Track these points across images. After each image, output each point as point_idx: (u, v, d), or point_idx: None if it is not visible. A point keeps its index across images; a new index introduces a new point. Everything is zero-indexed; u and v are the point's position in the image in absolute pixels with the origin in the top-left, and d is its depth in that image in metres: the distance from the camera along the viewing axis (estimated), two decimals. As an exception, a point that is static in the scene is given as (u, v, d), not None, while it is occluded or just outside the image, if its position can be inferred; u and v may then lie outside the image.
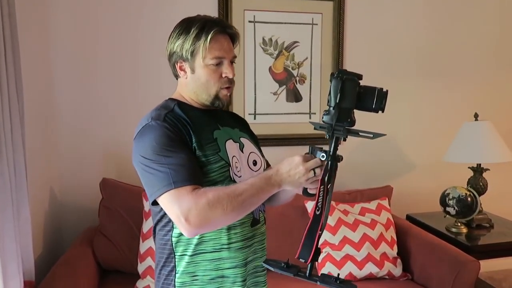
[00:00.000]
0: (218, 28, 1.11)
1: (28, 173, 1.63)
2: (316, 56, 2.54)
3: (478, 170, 2.45)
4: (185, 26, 1.12)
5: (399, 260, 2.14)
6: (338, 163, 1.01)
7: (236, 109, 2.45)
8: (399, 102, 2.70)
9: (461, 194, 2.33)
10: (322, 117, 0.99)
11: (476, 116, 2.44)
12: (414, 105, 2.74)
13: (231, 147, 1.14)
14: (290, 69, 2.53)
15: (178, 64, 1.14)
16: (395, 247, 2.16)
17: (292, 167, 0.99)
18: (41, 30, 2.15)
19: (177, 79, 1.20)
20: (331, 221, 2.14)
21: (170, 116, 1.09)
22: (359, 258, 2.08)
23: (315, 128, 1.03)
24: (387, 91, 0.95)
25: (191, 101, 1.17)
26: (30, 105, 1.76)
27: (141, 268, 1.95)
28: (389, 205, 2.32)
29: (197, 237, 1.09)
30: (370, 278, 2.09)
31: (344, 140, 0.98)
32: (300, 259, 0.94)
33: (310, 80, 2.56)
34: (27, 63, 1.73)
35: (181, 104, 1.15)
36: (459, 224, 2.37)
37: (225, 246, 1.11)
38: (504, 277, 2.69)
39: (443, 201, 2.39)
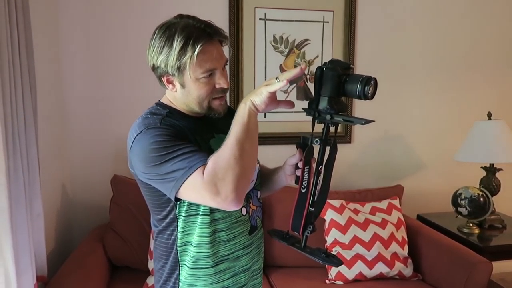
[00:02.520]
0: (205, 38, 1.00)
1: (40, 170, 1.65)
2: (327, 54, 2.53)
3: (491, 170, 2.42)
4: (167, 37, 1.00)
5: (410, 260, 2.12)
6: (337, 149, 1.04)
7: (246, 107, 2.45)
8: (411, 100, 2.68)
9: (474, 194, 2.30)
10: (308, 104, 1.02)
11: (489, 115, 2.40)
12: (426, 103, 2.71)
13: None
14: (300, 67, 2.52)
15: (165, 77, 1.05)
16: (406, 247, 2.14)
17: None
18: (53, 30, 2.16)
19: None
20: (341, 220, 2.13)
21: (165, 122, 1.03)
22: (370, 258, 2.06)
23: (306, 114, 1.07)
24: (373, 78, 0.95)
25: (182, 109, 1.10)
26: (42, 103, 1.78)
27: (151, 265, 1.96)
28: (400, 205, 2.30)
29: (195, 250, 1.07)
30: (380, 278, 2.08)
31: (332, 125, 1.01)
32: (294, 232, 1.02)
33: (321, 78, 2.54)
34: (39, 62, 1.74)
35: (173, 111, 1.09)
36: (471, 224, 2.34)
37: (225, 258, 1.10)
38: (517, 278, 2.65)
39: (455, 201, 2.36)
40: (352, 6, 2.50)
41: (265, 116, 2.49)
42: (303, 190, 1.00)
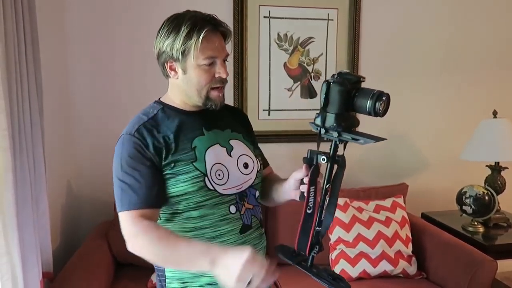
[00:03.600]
0: (210, 26, 1.07)
1: (46, 167, 1.66)
2: (331, 52, 2.52)
3: (496, 169, 2.40)
4: (175, 24, 1.08)
5: (414, 259, 2.12)
6: (345, 163, 0.98)
7: (251, 105, 2.46)
8: (416, 98, 2.67)
9: (478, 192, 2.29)
10: (314, 119, 0.96)
11: (495, 113, 2.39)
12: (431, 101, 2.70)
13: (214, 153, 1.11)
14: (305, 65, 2.51)
15: (168, 64, 1.10)
16: (410, 245, 2.14)
17: (235, 262, 0.89)
18: (59, 29, 2.18)
19: (167, 78, 1.16)
20: (345, 218, 2.13)
21: (143, 128, 1.08)
22: (373, 256, 2.06)
23: (314, 129, 1.00)
24: (386, 94, 0.88)
25: (181, 103, 1.14)
26: (48, 100, 1.79)
27: (155, 262, 1.97)
28: (404, 203, 2.30)
29: None
30: (384, 276, 2.08)
31: (340, 143, 0.95)
32: (301, 252, 0.98)
33: (325, 76, 2.54)
34: (45, 61, 1.75)
35: (166, 108, 1.13)
36: (475, 223, 2.33)
37: None
38: (522, 277, 2.64)
39: (460, 200, 2.36)
40: (357, 4, 2.49)
41: (269, 114, 2.50)
42: (309, 211, 0.95)
